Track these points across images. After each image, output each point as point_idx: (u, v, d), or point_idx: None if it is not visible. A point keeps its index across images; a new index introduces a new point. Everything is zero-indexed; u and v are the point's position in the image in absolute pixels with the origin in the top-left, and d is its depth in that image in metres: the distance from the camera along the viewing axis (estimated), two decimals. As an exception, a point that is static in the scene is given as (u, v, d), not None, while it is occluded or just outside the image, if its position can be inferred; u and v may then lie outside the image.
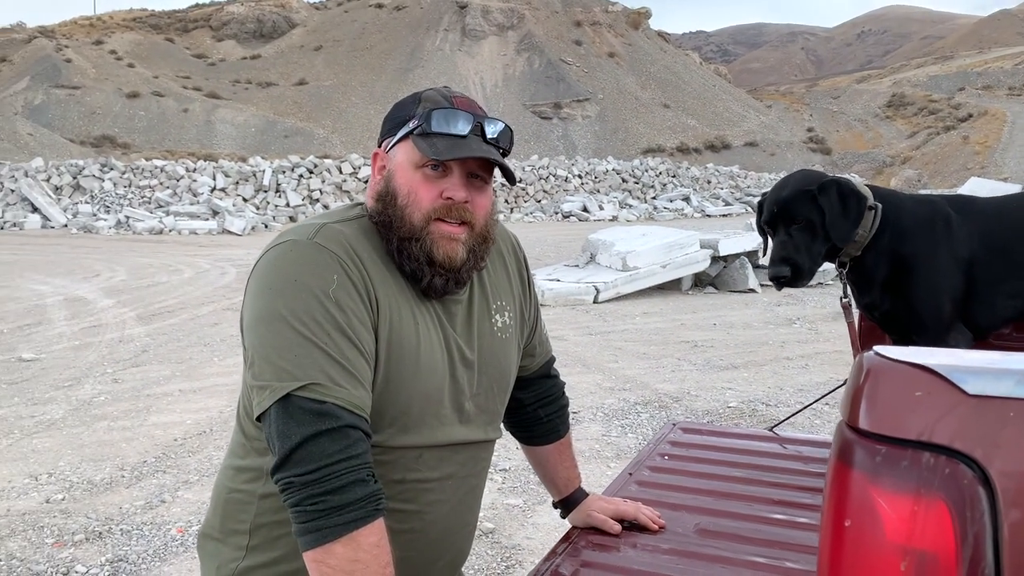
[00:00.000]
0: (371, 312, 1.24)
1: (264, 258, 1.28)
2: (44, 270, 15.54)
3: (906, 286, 2.21)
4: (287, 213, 30.66)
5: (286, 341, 1.17)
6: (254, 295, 1.25)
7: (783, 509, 1.87)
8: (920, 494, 0.75)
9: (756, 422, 5.70)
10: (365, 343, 1.22)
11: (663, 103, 79.62)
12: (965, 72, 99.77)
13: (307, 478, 1.13)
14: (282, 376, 1.16)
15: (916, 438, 0.76)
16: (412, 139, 1.29)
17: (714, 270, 12.50)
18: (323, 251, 1.23)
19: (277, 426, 1.15)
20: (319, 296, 1.19)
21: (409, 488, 1.33)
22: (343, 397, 1.17)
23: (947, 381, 0.76)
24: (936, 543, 0.74)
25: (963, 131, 75.70)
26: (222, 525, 1.40)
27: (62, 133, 60.53)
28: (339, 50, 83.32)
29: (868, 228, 2.21)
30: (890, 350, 0.82)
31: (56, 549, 3.86)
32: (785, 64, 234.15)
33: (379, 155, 1.34)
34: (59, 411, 6.15)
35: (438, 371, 1.33)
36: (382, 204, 1.30)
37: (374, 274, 1.27)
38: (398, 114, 1.34)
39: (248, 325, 1.25)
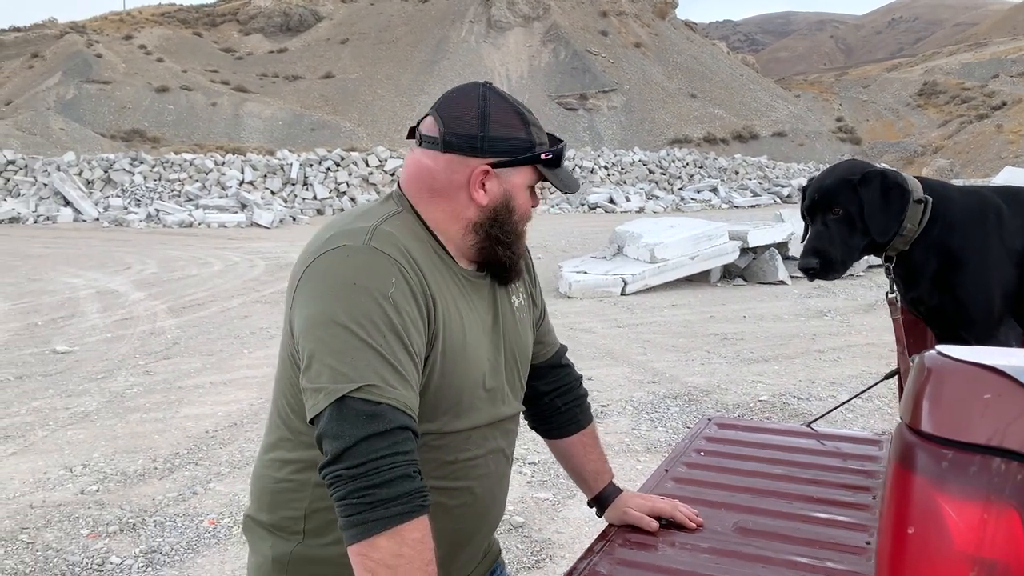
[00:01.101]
0: (426, 314, 1.30)
1: (317, 263, 1.30)
2: (76, 263, 15.74)
3: (955, 280, 2.14)
4: (315, 206, 30.83)
5: (344, 344, 1.21)
6: (309, 299, 1.28)
7: (823, 507, 1.83)
8: (990, 501, 0.71)
9: (787, 416, 5.63)
10: (415, 345, 1.26)
11: (690, 93, 79.01)
12: (999, 59, 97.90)
13: (355, 471, 1.16)
14: (338, 379, 1.19)
15: (985, 443, 0.72)
16: (539, 168, 1.41)
17: (743, 262, 12.38)
18: (380, 255, 1.28)
19: (330, 427, 1.18)
20: (378, 299, 1.24)
21: (460, 467, 1.40)
22: (396, 398, 1.20)
23: (1018, 383, 0.72)
24: (1008, 552, 0.71)
25: (997, 119, 74.34)
26: (272, 512, 1.43)
27: (93, 127, 61.27)
28: (365, 43, 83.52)
29: (917, 222, 2.14)
30: (953, 350, 0.78)
31: (91, 540, 3.91)
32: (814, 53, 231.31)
33: (486, 171, 1.37)
34: (93, 403, 6.23)
35: (481, 357, 1.40)
36: (495, 217, 1.39)
37: (427, 273, 1.32)
38: (511, 136, 1.39)
39: (303, 328, 1.27)
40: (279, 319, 9.56)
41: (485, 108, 1.38)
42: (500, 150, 1.37)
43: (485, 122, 1.37)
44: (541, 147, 1.40)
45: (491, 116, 1.38)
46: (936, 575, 0.74)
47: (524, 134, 1.39)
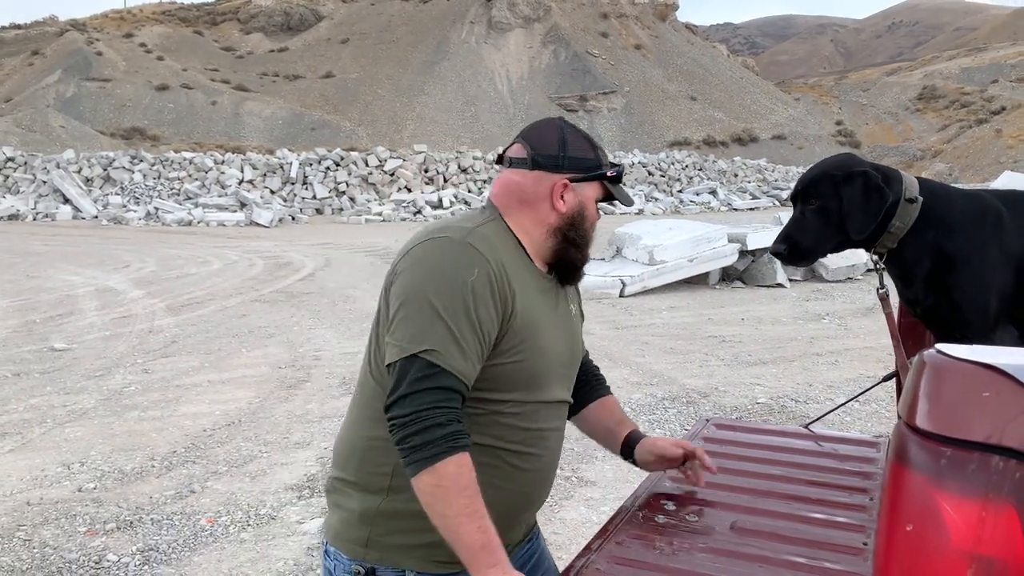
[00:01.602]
0: (501, 302, 1.55)
1: (423, 246, 1.58)
2: (75, 261, 15.73)
3: (950, 282, 2.14)
4: (314, 205, 30.82)
5: (424, 315, 1.48)
6: (409, 272, 1.55)
7: (821, 508, 1.83)
8: (989, 499, 0.71)
9: (785, 418, 5.64)
10: (484, 326, 1.52)
11: (690, 96, 79.04)
12: (998, 64, 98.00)
13: (404, 420, 1.44)
14: (414, 340, 1.47)
15: (984, 440, 0.72)
16: (606, 184, 1.71)
17: (742, 264, 12.38)
18: (472, 250, 1.54)
19: (397, 375, 1.47)
20: (459, 285, 1.50)
21: (534, 435, 1.65)
22: (452, 365, 1.47)
23: (1017, 381, 0.73)
24: (1005, 550, 0.71)
25: (996, 124, 74.40)
26: (359, 469, 1.65)
27: (93, 125, 61.24)
28: (365, 43, 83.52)
29: (907, 221, 2.15)
30: (953, 348, 0.78)
31: (88, 538, 3.90)
32: (814, 56, 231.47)
33: (566, 185, 1.67)
34: (90, 401, 6.22)
35: (556, 345, 1.68)
36: (572, 223, 1.68)
37: (512, 272, 1.59)
38: (584, 157, 1.69)
39: (398, 294, 1.54)
40: (277, 318, 9.57)
41: (564, 135, 1.70)
42: (576, 167, 1.68)
43: (565, 145, 1.68)
44: (607, 167, 1.71)
45: (569, 141, 1.69)
46: (934, 572, 0.74)
47: (593, 156, 1.70)
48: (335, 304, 10.60)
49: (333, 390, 6.49)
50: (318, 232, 23.49)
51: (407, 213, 29.29)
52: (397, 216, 28.84)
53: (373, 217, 28.39)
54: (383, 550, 1.62)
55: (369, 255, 16.70)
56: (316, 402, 6.16)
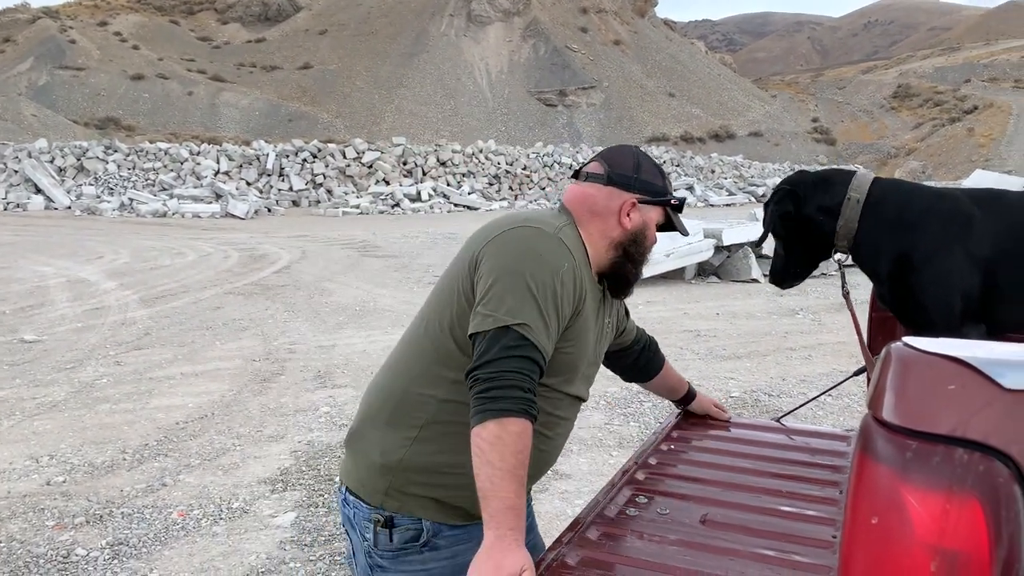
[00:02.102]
0: (576, 298, 1.69)
1: (516, 231, 1.70)
2: (47, 251, 15.52)
3: (913, 282, 2.17)
4: (290, 197, 30.62)
5: (520, 292, 1.59)
6: (504, 252, 1.66)
7: (791, 501, 1.84)
8: (952, 492, 0.72)
9: (759, 413, 5.67)
10: (563, 314, 1.66)
11: (668, 92, 79.31)
12: (971, 64, 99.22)
13: (487, 373, 1.53)
14: (509, 312, 1.57)
15: (949, 433, 0.73)
16: (667, 210, 1.87)
17: (718, 260, 12.45)
18: (563, 245, 1.68)
19: (488, 343, 1.56)
20: (552, 272, 1.63)
21: (553, 421, 1.79)
22: (538, 340, 1.58)
23: (982, 375, 0.73)
24: (969, 543, 0.71)
25: (968, 123, 75.35)
26: (392, 416, 1.76)
27: (66, 114, 60.41)
28: (344, 34, 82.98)
29: (850, 219, 2.23)
30: (920, 341, 0.78)
31: (56, 532, 3.85)
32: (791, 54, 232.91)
33: (634, 204, 1.82)
34: (61, 393, 6.14)
35: (592, 348, 1.84)
36: (633, 240, 1.82)
37: (585, 274, 1.74)
38: (654, 182, 1.85)
39: (493, 269, 1.64)
40: (252, 310, 9.50)
41: (639, 160, 1.86)
42: (646, 190, 1.83)
43: (639, 169, 1.84)
44: (671, 195, 1.88)
45: (642, 165, 1.85)
46: (898, 565, 0.74)
47: (661, 183, 1.86)
48: (311, 297, 10.54)
49: (308, 383, 6.45)
50: (294, 224, 23.33)
51: (385, 206, 29.17)
52: (375, 209, 28.71)
53: (350, 210, 28.24)
54: (401, 499, 1.72)
55: (346, 248, 16.62)
56: (290, 395, 6.12)
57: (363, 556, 1.79)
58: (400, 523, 1.73)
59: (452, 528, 1.74)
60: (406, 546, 1.74)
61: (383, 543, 1.74)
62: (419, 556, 1.74)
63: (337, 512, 4.05)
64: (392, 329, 8.39)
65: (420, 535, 1.73)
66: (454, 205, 30.92)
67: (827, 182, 2.30)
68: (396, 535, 1.73)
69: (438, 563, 1.75)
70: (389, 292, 11.04)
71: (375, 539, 1.75)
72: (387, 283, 11.88)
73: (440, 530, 1.73)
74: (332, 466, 4.68)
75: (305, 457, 4.85)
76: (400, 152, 34.23)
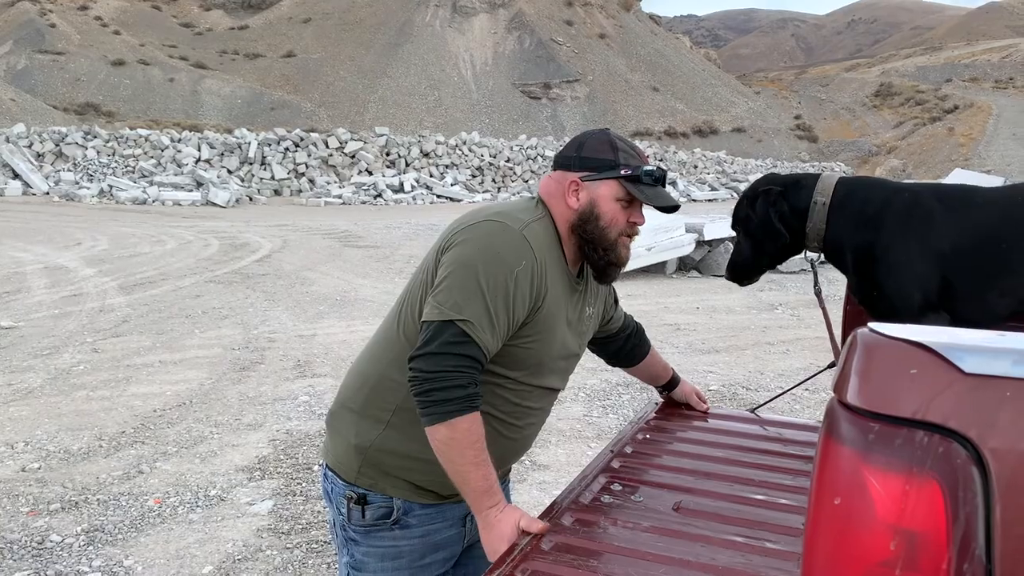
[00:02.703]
0: (531, 298, 1.70)
1: (483, 225, 1.71)
2: (24, 237, 15.36)
3: (874, 273, 2.23)
4: (272, 186, 30.44)
5: (469, 288, 1.63)
6: (466, 245, 1.68)
7: (763, 490, 1.86)
8: (913, 473, 0.73)
9: (736, 405, 5.72)
10: (516, 311, 1.68)
11: (652, 86, 79.42)
12: (953, 64, 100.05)
13: (428, 375, 1.59)
14: (455, 307, 1.61)
15: (910, 416, 0.74)
16: (620, 182, 1.77)
17: (699, 254, 12.52)
18: (525, 243, 1.68)
19: (431, 333, 1.62)
20: (507, 271, 1.65)
21: (522, 411, 1.83)
22: (480, 338, 1.62)
23: (943, 359, 0.74)
24: (927, 523, 0.73)
25: (948, 122, 75.99)
26: (366, 402, 1.82)
27: (45, 99, 59.68)
28: (328, 23, 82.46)
29: (819, 221, 2.32)
30: (884, 326, 0.80)
31: (31, 518, 3.83)
32: (775, 51, 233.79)
33: (576, 183, 1.78)
34: (37, 379, 6.09)
35: (565, 341, 1.83)
36: (584, 219, 1.77)
37: (550, 270, 1.74)
38: (598, 156, 1.79)
39: (450, 260, 1.68)
40: (232, 299, 9.45)
41: (585, 138, 1.84)
42: (587, 167, 1.78)
43: (581, 147, 1.81)
44: (625, 167, 1.77)
45: (586, 143, 1.82)
46: (859, 544, 0.75)
47: (611, 156, 1.78)
48: (291, 286, 10.50)
49: (287, 372, 6.43)
50: (276, 213, 23.21)
51: (367, 196, 29.06)
52: (357, 199, 28.60)
53: (332, 199, 28.12)
54: (374, 478, 1.79)
55: (327, 237, 16.56)
56: (269, 384, 6.10)
57: (339, 530, 1.87)
58: (373, 500, 1.80)
59: (423, 507, 1.81)
60: (378, 523, 1.80)
61: (356, 519, 1.81)
62: (390, 533, 1.81)
63: (314, 500, 4.06)
64: (372, 319, 8.37)
65: (391, 512, 1.80)
66: (437, 196, 30.86)
67: (797, 185, 2.38)
68: (368, 512, 1.80)
69: (409, 541, 1.81)
70: (370, 282, 11.02)
71: (349, 514, 1.82)
72: (368, 273, 11.86)
73: (411, 508, 1.80)
74: (310, 455, 4.68)
75: (283, 446, 4.84)
76: (383, 142, 34.10)
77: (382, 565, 1.83)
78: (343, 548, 1.89)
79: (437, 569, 1.87)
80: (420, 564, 1.84)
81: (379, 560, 1.83)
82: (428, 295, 1.69)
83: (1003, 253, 2.15)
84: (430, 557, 1.85)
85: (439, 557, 1.86)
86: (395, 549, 1.82)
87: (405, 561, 1.83)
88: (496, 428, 1.77)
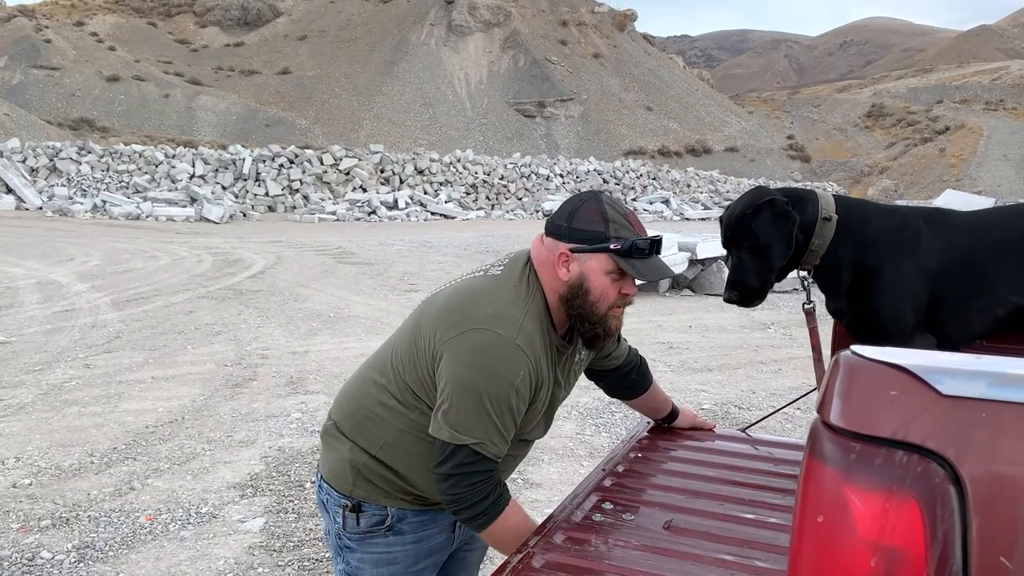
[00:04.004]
0: (533, 393, 1.76)
1: (474, 334, 1.70)
2: (17, 252, 15.33)
3: (868, 294, 2.25)
4: (266, 202, 30.47)
5: (475, 410, 1.67)
6: (460, 363, 1.70)
7: (753, 509, 1.88)
8: (892, 492, 0.76)
9: (728, 424, 5.73)
10: (520, 415, 1.74)
11: (646, 106, 79.86)
12: (944, 85, 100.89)
13: (454, 498, 1.71)
14: (465, 430, 1.67)
15: (890, 436, 0.77)
16: (611, 256, 1.73)
17: (691, 273, 12.56)
18: (520, 353, 1.70)
19: (446, 453, 1.70)
20: (508, 388, 1.69)
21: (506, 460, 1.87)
22: (492, 451, 1.70)
23: (922, 381, 0.77)
24: (906, 540, 0.75)
25: (940, 143, 76.57)
26: (355, 431, 1.86)
27: (40, 114, 59.71)
28: (324, 40, 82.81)
29: (825, 238, 2.29)
30: (867, 349, 0.82)
31: (21, 534, 3.82)
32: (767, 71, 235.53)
33: (566, 255, 1.75)
34: (28, 395, 6.08)
35: (553, 400, 1.89)
36: (573, 293, 1.76)
37: (543, 361, 1.77)
38: (589, 228, 1.74)
39: (450, 380, 1.70)
40: (225, 315, 9.45)
41: (577, 206, 1.77)
42: (577, 239, 1.74)
43: (572, 217, 1.76)
44: (616, 240, 1.73)
45: (578, 213, 1.76)
46: (841, 561, 0.77)
47: (602, 228, 1.73)
48: (285, 303, 10.50)
49: (279, 389, 6.43)
50: (270, 230, 23.22)
51: (361, 213, 29.10)
52: (351, 216, 28.64)
53: (327, 216, 28.14)
54: (368, 490, 1.85)
55: (321, 254, 16.57)
56: (262, 401, 6.09)
57: (334, 538, 1.93)
58: (367, 509, 1.86)
59: (417, 514, 1.88)
60: (372, 529, 1.87)
61: (351, 526, 1.87)
62: (384, 539, 1.87)
63: (306, 518, 4.05)
64: (366, 336, 8.38)
65: (386, 519, 1.86)
66: (431, 214, 30.92)
67: (801, 200, 2.33)
68: (363, 519, 1.86)
69: (403, 547, 1.88)
70: (363, 299, 11.03)
71: (344, 522, 1.88)
72: (362, 290, 11.86)
73: (405, 515, 1.86)
74: (302, 472, 4.68)
75: (275, 463, 4.83)
76: (378, 159, 34.20)
77: (377, 571, 1.89)
78: (338, 556, 1.94)
79: (429, 573, 1.95)
80: (414, 569, 1.91)
81: (374, 566, 1.89)
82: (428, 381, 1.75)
83: (982, 273, 2.21)
84: (423, 562, 1.92)
85: (431, 562, 1.94)
86: (389, 555, 1.88)
87: (400, 567, 1.89)
88: None
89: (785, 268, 2.37)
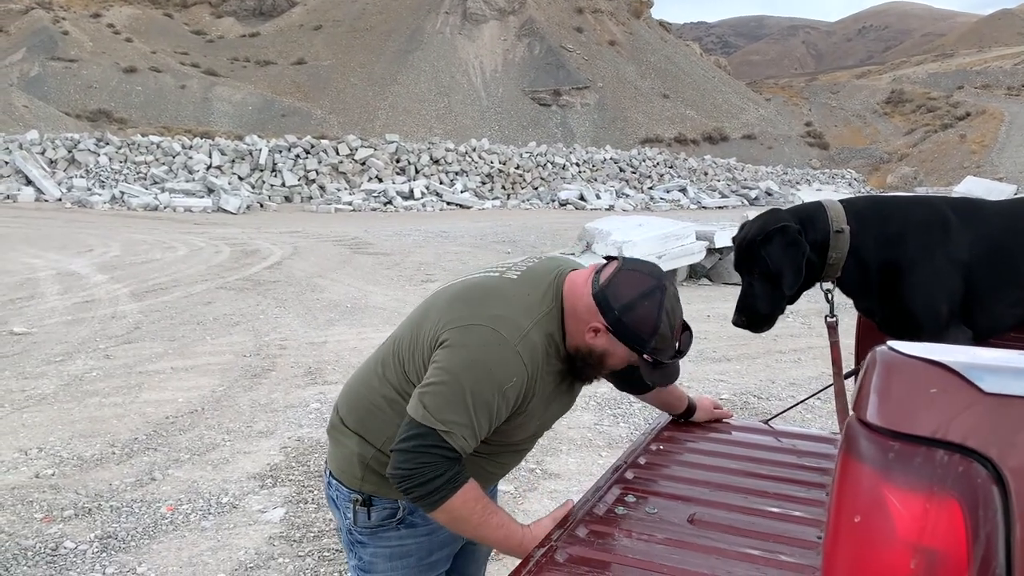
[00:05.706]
0: (519, 403, 1.75)
1: (479, 330, 1.71)
2: (37, 244, 15.46)
3: (900, 290, 2.21)
4: (283, 193, 30.53)
5: (455, 400, 1.66)
6: (458, 351, 1.70)
7: (777, 502, 1.86)
8: (933, 492, 0.74)
9: (748, 415, 5.70)
10: (499, 417, 1.73)
11: (662, 93, 79.43)
12: (964, 70, 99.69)
13: (405, 473, 1.65)
14: (438, 414, 1.65)
15: (930, 435, 0.75)
16: (641, 360, 1.77)
17: (709, 262, 12.50)
18: (517, 359, 1.70)
19: (412, 431, 1.66)
20: (495, 388, 1.68)
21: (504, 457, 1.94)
22: (458, 443, 1.66)
23: (963, 378, 0.75)
24: (947, 542, 0.73)
25: (960, 129, 75.73)
26: (361, 424, 1.87)
27: (58, 106, 60.12)
28: (339, 30, 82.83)
29: (841, 250, 2.27)
30: (904, 345, 0.80)
31: (45, 524, 3.85)
32: (785, 57, 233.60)
33: (603, 330, 1.74)
34: (50, 386, 6.13)
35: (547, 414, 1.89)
36: (587, 356, 1.79)
37: (541, 372, 1.76)
38: (635, 331, 1.72)
39: (442, 363, 1.70)
40: (243, 306, 9.49)
41: (637, 302, 1.72)
42: (620, 332, 1.73)
43: (627, 309, 1.72)
44: (652, 351, 1.75)
45: (635, 309, 1.72)
46: (879, 562, 0.76)
47: (647, 339, 1.73)
48: (302, 293, 10.53)
49: (298, 379, 6.45)
50: (286, 220, 23.29)
51: (377, 203, 29.14)
52: (367, 206, 28.68)
53: (343, 206, 28.20)
54: (377, 483, 1.83)
55: (338, 244, 16.60)
56: (281, 391, 6.12)
57: (345, 533, 1.93)
58: (378, 503, 1.85)
59: None
60: (383, 523, 1.86)
61: (362, 521, 1.86)
62: (396, 532, 1.86)
63: (326, 508, 4.06)
64: (383, 326, 8.39)
65: (396, 512, 1.85)
66: (447, 203, 30.92)
67: (811, 219, 2.32)
68: (374, 513, 1.86)
69: (415, 540, 1.87)
70: (381, 289, 11.04)
71: (355, 517, 1.87)
72: (379, 280, 11.88)
73: (416, 508, 1.81)
74: (321, 462, 4.69)
75: (295, 453, 4.85)
76: (393, 149, 34.19)
77: (391, 565, 1.88)
78: (351, 552, 1.93)
79: (442, 566, 1.94)
80: (428, 562, 1.90)
81: (387, 560, 1.88)
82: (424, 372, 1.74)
83: (1013, 264, 2.17)
84: (436, 554, 1.91)
85: (444, 554, 1.93)
86: (403, 548, 1.87)
87: (413, 560, 1.88)
88: (480, 464, 1.85)
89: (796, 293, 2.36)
